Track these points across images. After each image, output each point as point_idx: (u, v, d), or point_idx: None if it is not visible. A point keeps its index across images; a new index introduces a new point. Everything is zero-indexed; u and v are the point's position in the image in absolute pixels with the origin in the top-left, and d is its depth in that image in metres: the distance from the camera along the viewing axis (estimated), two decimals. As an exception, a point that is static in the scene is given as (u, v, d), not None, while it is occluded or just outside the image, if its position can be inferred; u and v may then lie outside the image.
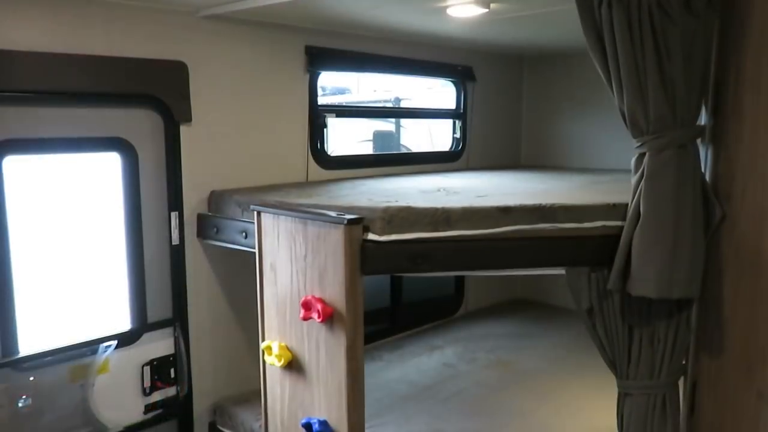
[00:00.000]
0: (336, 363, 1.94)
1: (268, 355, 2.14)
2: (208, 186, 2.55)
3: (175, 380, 2.52)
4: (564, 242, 1.95)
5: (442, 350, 3.25)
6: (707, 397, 1.93)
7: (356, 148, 4.00)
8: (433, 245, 1.89)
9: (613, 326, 1.99)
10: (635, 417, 1.99)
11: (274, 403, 2.19)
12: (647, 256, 1.82)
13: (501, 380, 2.86)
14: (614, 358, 2.02)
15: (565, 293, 3.95)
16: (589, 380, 2.84)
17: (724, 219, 1.83)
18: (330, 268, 1.91)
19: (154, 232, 2.43)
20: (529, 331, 3.57)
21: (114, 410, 2.36)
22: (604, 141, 3.80)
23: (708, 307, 1.91)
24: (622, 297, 1.95)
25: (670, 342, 1.96)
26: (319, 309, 1.91)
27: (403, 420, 2.45)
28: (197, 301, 2.56)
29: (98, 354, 2.30)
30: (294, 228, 2.02)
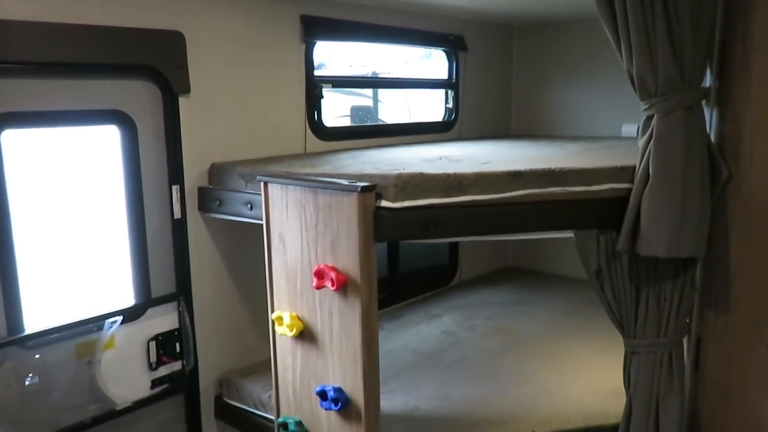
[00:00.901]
0: (350, 330, 1.95)
1: (278, 325, 2.14)
2: (208, 159, 2.52)
3: (181, 355, 2.51)
4: (573, 205, 1.98)
5: (440, 318, 3.28)
6: (713, 352, 1.99)
7: (334, 124, 3.97)
8: (446, 211, 1.90)
9: (620, 287, 2.03)
10: (642, 374, 2.04)
11: (285, 372, 2.20)
12: (657, 217, 1.86)
13: (501, 346, 2.91)
14: (621, 318, 2.07)
15: (555, 260, 4.09)
16: (587, 343, 2.91)
17: (731, 179, 1.87)
18: (343, 236, 1.91)
19: (156, 206, 2.39)
20: (524, 298, 3.62)
21: (121, 386, 2.34)
22: (593, 109, 3.84)
23: (713, 266, 1.96)
24: (630, 258, 2.00)
25: (675, 301, 2.01)
26: (333, 277, 1.91)
27: (410, 387, 2.48)
28: (200, 275, 2.54)
29: (104, 330, 2.27)
30: (304, 197, 2.01)
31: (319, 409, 2.09)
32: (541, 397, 2.37)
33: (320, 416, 2.10)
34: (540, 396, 2.38)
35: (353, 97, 4.73)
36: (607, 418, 2.18)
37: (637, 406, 2.05)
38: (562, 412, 2.23)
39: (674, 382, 2.02)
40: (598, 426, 2.16)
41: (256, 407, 2.50)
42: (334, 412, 2.04)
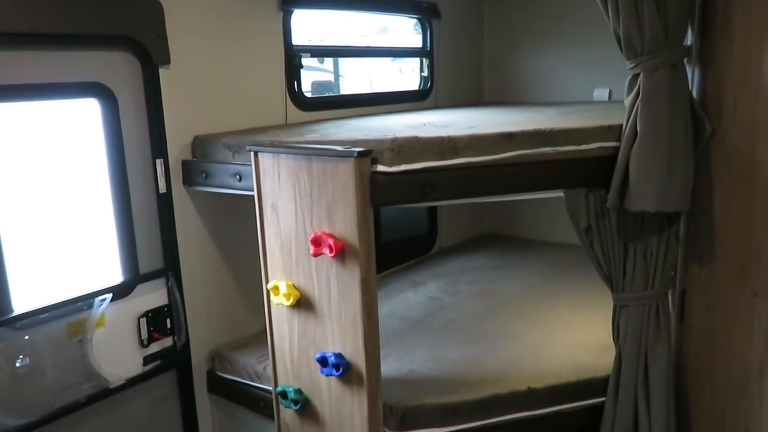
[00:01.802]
0: (350, 296, 1.96)
1: (275, 295, 2.14)
2: (191, 131, 2.47)
3: (172, 330, 2.49)
4: (563, 165, 2.02)
5: (425, 285, 3.32)
6: (697, 302, 2.07)
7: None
8: (441, 174, 1.92)
9: (609, 243, 2.09)
10: (631, 327, 2.12)
11: (282, 342, 2.21)
12: (646, 172, 1.91)
13: (487, 309, 2.96)
14: (610, 274, 2.13)
15: (530, 226, 4.16)
16: (569, 302, 2.99)
17: (714, 134, 1.93)
18: (339, 202, 1.91)
19: (140, 181, 2.35)
20: (503, 263, 3.69)
21: (114, 364, 2.32)
22: (564, 75, 3.89)
23: (697, 220, 2.04)
24: (618, 215, 2.06)
25: (661, 254, 2.08)
26: (331, 244, 1.92)
27: (403, 351, 2.51)
28: (187, 250, 2.51)
29: (94, 308, 2.23)
30: (297, 166, 2.00)
31: (318, 376, 2.11)
32: (531, 354, 2.44)
33: (320, 383, 2.12)
34: (529, 354, 2.44)
35: (314, 72, 4.68)
36: (597, 371, 2.26)
37: (627, 357, 2.13)
38: (553, 367, 2.30)
39: (661, 333, 2.11)
40: (588, 379, 2.24)
41: (251, 379, 2.51)
42: (334, 377, 2.06)
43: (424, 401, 2.12)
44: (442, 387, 2.20)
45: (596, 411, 2.20)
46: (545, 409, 2.19)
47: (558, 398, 2.20)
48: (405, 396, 2.15)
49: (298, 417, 2.22)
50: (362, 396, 2.01)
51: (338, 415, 2.09)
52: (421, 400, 2.12)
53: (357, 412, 2.03)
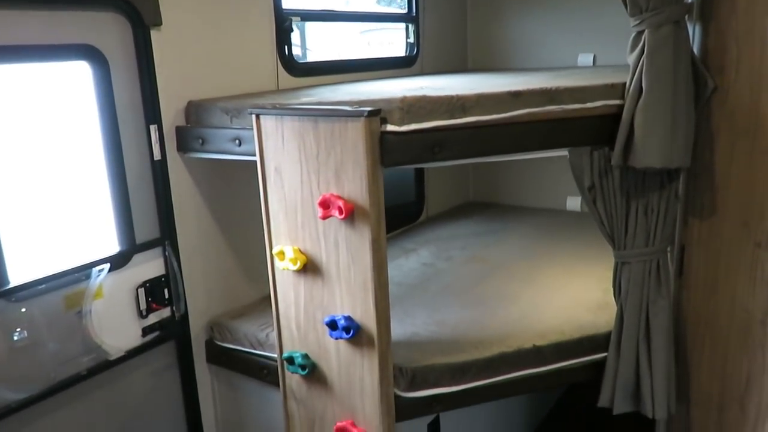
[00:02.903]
0: (360, 258, 1.95)
1: (280, 260, 2.11)
2: (184, 97, 2.41)
3: (170, 301, 2.45)
4: (569, 123, 2.02)
5: (416, 252, 3.33)
6: (697, 256, 2.12)
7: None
8: (450, 133, 1.91)
9: (612, 201, 2.12)
10: (633, 283, 2.16)
11: (288, 308, 2.19)
12: (651, 129, 1.93)
13: (481, 273, 2.99)
14: (612, 231, 2.16)
15: (514, 193, 4.20)
16: (562, 264, 3.04)
17: (716, 90, 1.96)
18: (348, 164, 1.89)
19: (134, 147, 2.28)
20: (492, 228, 3.72)
21: (114, 335, 2.27)
22: (548, 40, 3.89)
23: (698, 176, 2.08)
24: (621, 173, 2.08)
25: (662, 211, 2.12)
26: (341, 205, 1.89)
27: (404, 315, 2.52)
28: (184, 219, 2.46)
29: (92, 279, 2.17)
30: (302, 128, 1.96)
31: (326, 340, 2.10)
32: (531, 314, 2.47)
33: (328, 347, 2.11)
34: (530, 314, 2.48)
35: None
36: (598, 328, 2.31)
37: (629, 312, 2.17)
38: (555, 325, 2.34)
39: (662, 288, 2.15)
40: (591, 335, 2.28)
41: (253, 347, 2.48)
42: (343, 341, 2.05)
43: (432, 361, 2.13)
44: (449, 348, 2.22)
45: (599, 366, 2.25)
46: (550, 366, 2.23)
47: (562, 355, 2.24)
48: (413, 357, 2.16)
49: (305, 382, 2.21)
50: (373, 358, 2.01)
51: (347, 378, 2.09)
52: (430, 360, 2.14)
53: (367, 374, 2.03)
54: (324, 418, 2.19)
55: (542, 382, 2.24)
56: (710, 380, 2.08)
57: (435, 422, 2.55)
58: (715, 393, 2.06)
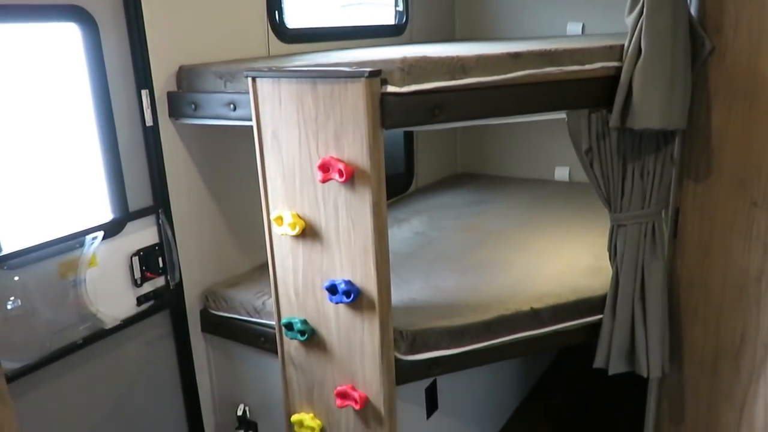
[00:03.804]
0: (360, 221, 1.94)
1: (278, 225, 2.09)
2: (174, 62, 2.36)
3: (164, 270, 2.42)
4: (567, 85, 2.02)
5: (408, 222, 3.33)
6: (692, 217, 2.15)
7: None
8: (450, 95, 1.89)
9: (608, 164, 2.13)
10: (629, 245, 2.18)
11: (286, 274, 2.17)
12: (649, 90, 1.94)
13: (474, 241, 3.00)
14: (609, 194, 2.18)
15: (502, 164, 4.21)
16: (553, 232, 3.06)
17: (713, 51, 1.97)
18: (348, 126, 1.87)
19: (125, 113, 2.23)
20: (482, 198, 3.73)
21: (108, 304, 2.24)
22: (536, 9, 3.88)
23: (693, 137, 2.09)
24: (618, 135, 2.09)
25: (657, 174, 2.14)
26: (342, 168, 1.88)
27: (400, 282, 2.52)
28: (177, 187, 2.42)
29: (85, 247, 2.14)
30: (300, 90, 1.94)
31: (326, 306, 2.10)
32: (526, 279, 2.49)
33: (327, 312, 2.11)
34: (525, 279, 2.50)
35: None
36: (594, 291, 2.33)
37: (624, 274, 2.20)
38: (551, 289, 2.36)
39: (657, 250, 2.18)
40: (586, 298, 2.31)
41: (249, 315, 2.47)
42: (343, 305, 2.05)
43: (432, 325, 2.14)
44: (447, 312, 2.23)
45: (594, 328, 2.28)
46: (547, 328, 2.25)
47: (559, 317, 2.27)
48: (412, 321, 2.17)
49: (304, 348, 2.21)
50: (373, 321, 2.01)
51: (348, 343, 2.09)
52: (430, 323, 2.15)
53: (368, 338, 2.04)
54: (323, 383, 2.20)
55: (540, 344, 2.27)
56: (704, 339, 2.12)
57: (432, 387, 2.57)
58: (709, 351, 2.10)
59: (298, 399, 2.28)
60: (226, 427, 2.69)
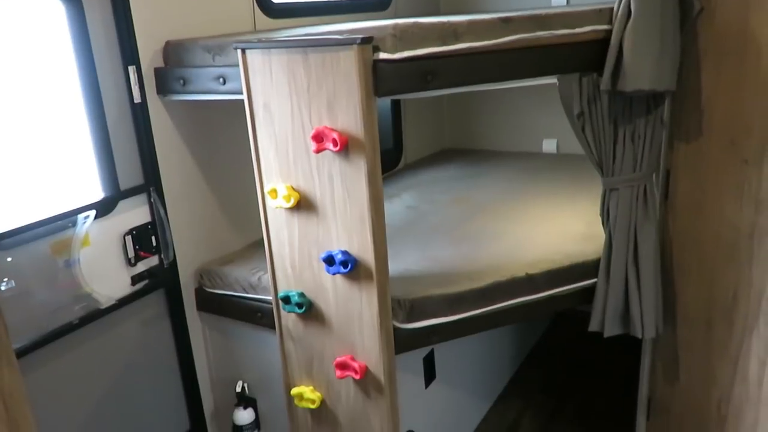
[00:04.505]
0: (355, 191, 1.94)
1: (273, 198, 2.08)
2: (160, 37, 2.32)
3: (157, 249, 2.41)
4: (559, 49, 2.02)
5: (399, 197, 3.33)
6: (683, 179, 2.17)
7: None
8: (442, 61, 1.88)
9: (600, 128, 2.14)
10: (621, 208, 2.20)
11: (281, 248, 2.17)
12: (640, 51, 1.95)
13: (466, 213, 3.01)
14: (600, 158, 2.19)
15: (490, 138, 4.21)
16: (544, 202, 3.08)
17: (702, 12, 1.98)
18: (341, 95, 1.86)
19: (113, 90, 2.20)
20: (472, 172, 3.74)
21: (103, 284, 2.23)
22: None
23: (683, 99, 2.11)
24: (609, 98, 2.10)
25: (648, 137, 2.15)
26: (336, 137, 1.87)
27: (394, 254, 2.51)
28: (168, 165, 2.40)
29: (78, 226, 2.12)
30: (291, 60, 1.92)
31: (323, 277, 2.10)
32: (521, 247, 2.51)
33: (325, 284, 2.11)
34: (519, 247, 2.51)
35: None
36: (587, 256, 2.35)
37: (617, 237, 2.22)
38: (545, 255, 2.38)
39: (649, 212, 2.20)
40: (580, 263, 2.33)
41: (245, 291, 2.47)
42: (340, 276, 2.05)
43: (429, 293, 2.16)
44: (444, 280, 2.24)
45: (589, 292, 2.31)
46: (543, 293, 2.28)
47: (554, 282, 2.29)
48: (409, 290, 2.18)
49: (301, 321, 2.21)
50: (371, 291, 2.02)
51: (346, 313, 2.10)
52: (427, 292, 2.16)
53: (366, 308, 2.04)
54: (322, 355, 2.20)
55: (535, 310, 2.29)
56: (697, 298, 2.15)
57: (430, 357, 2.59)
58: (702, 310, 2.13)
59: (297, 372, 2.29)
60: (225, 404, 2.69)
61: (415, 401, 2.52)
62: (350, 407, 2.21)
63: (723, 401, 2.10)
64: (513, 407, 3.25)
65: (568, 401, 3.28)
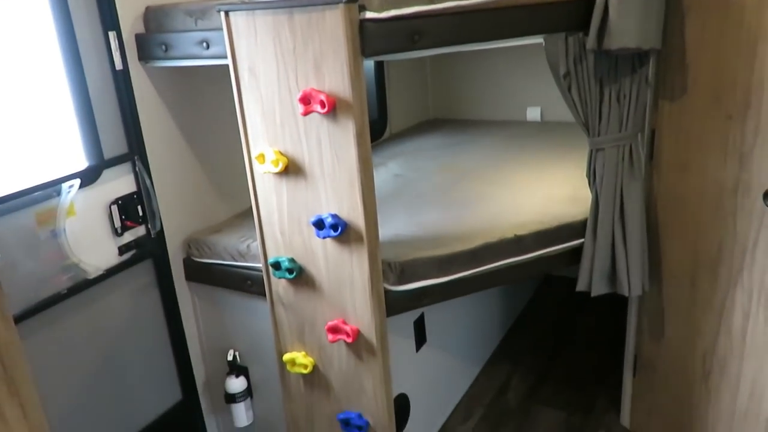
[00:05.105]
0: (344, 153, 1.93)
1: (260, 164, 2.07)
2: (141, 1, 2.28)
3: (144, 218, 2.38)
4: (545, 8, 2.02)
5: (385, 165, 3.33)
6: (668, 137, 2.19)
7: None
8: (429, 20, 1.87)
9: (586, 88, 2.15)
10: (608, 168, 2.22)
11: (270, 214, 2.16)
12: (626, 9, 1.95)
13: (453, 179, 3.02)
14: (587, 119, 2.20)
15: (474, 108, 4.21)
16: (531, 167, 3.10)
17: (686, -31, 1.98)
18: (328, 55, 1.84)
19: (94, 56, 2.16)
20: (457, 141, 3.74)
21: (90, 254, 2.21)
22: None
23: (668, 58, 2.12)
24: (595, 58, 2.11)
25: (634, 96, 2.17)
26: (323, 99, 1.86)
27: (383, 220, 2.49)
28: (152, 133, 2.37)
29: (62, 195, 2.09)
30: (276, 21, 1.89)
31: (313, 242, 2.10)
32: (509, 210, 2.52)
33: (315, 248, 2.11)
34: (507, 210, 2.53)
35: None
36: (574, 217, 2.38)
37: (604, 197, 2.24)
38: (533, 217, 2.40)
39: (635, 171, 2.23)
40: (568, 223, 2.35)
41: (234, 259, 2.46)
42: (331, 240, 2.06)
43: (420, 255, 2.17)
44: (434, 243, 2.25)
45: (576, 252, 2.34)
46: (531, 254, 2.30)
47: (542, 242, 2.31)
48: (400, 253, 2.19)
49: (292, 286, 2.21)
50: (362, 254, 2.02)
51: (336, 277, 2.10)
52: (417, 254, 2.17)
53: (357, 271, 2.05)
54: (314, 320, 2.21)
55: (525, 270, 2.31)
56: (682, 255, 2.19)
57: (420, 321, 2.62)
58: (688, 266, 2.17)
59: (289, 338, 2.30)
60: (217, 373, 2.70)
61: (406, 365, 2.55)
62: (343, 371, 2.22)
63: (708, 354, 2.15)
64: (502, 370, 3.30)
65: (555, 363, 3.33)
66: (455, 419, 2.96)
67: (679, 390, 2.33)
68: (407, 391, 2.56)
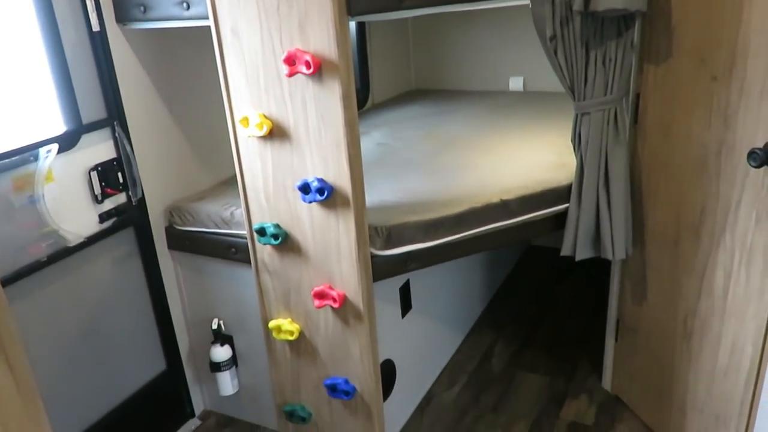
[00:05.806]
0: (330, 116, 1.90)
1: (244, 127, 2.03)
2: (117, -39, 2.21)
3: (125, 186, 2.34)
4: (532, -32, 2.00)
5: (369, 134, 3.30)
6: (653, 102, 2.20)
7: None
8: (415, -21, 1.85)
9: (572, 51, 2.14)
10: (593, 132, 2.22)
11: (255, 180, 2.13)
12: (613, -31, 1.94)
13: (438, 147, 3.00)
14: (573, 82, 2.19)
15: (456, 78, 4.19)
16: (515, 135, 3.10)
17: (673, -71, 1.97)
18: (313, 15, 1.80)
19: (70, 17, 2.09)
20: (439, 110, 3.72)
21: (70, 221, 2.16)
22: None
23: (653, 21, 2.12)
24: (581, 21, 2.09)
25: (619, 60, 2.16)
26: (309, 59, 1.82)
27: (369, 187, 2.48)
28: (130, 98, 2.31)
29: (40, 160, 2.04)
30: (259, -21, 1.85)
31: (298, 207, 2.08)
32: (494, 176, 2.52)
33: (300, 214, 2.09)
34: (492, 176, 2.52)
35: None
36: (559, 182, 2.38)
37: (589, 161, 2.25)
38: (519, 182, 2.40)
39: (620, 135, 2.23)
40: (553, 188, 2.36)
41: (218, 227, 2.43)
42: (316, 205, 2.04)
43: (406, 220, 2.16)
44: (420, 208, 2.24)
45: (561, 217, 2.35)
46: (517, 218, 2.30)
47: (527, 207, 2.31)
48: (386, 218, 2.18)
49: (277, 253, 2.20)
50: (348, 218, 2.01)
51: (323, 242, 2.09)
52: (404, 219, 2.16)
53: (343, 235, 2.04)
54: (300, 286, 2.20)
55: (510, 235, 2.32)
56: (666, 217, 2.21)
57: (406, 287, 2.62)
58: (671, 229, 2.19)
59: (275, 305, 2.29)
60: (201, 342, 2.68)
61: (392, 331, 2.55)
62: (329, 337, 2.22)
63: (689, 316, 2.18)
64: (486, 337, 3.33)
65: (538, 330, 3.37)
66: (440, 385, 2.98)
67: (660, 352, 2.37)
68: (393, 357, 2.57)
